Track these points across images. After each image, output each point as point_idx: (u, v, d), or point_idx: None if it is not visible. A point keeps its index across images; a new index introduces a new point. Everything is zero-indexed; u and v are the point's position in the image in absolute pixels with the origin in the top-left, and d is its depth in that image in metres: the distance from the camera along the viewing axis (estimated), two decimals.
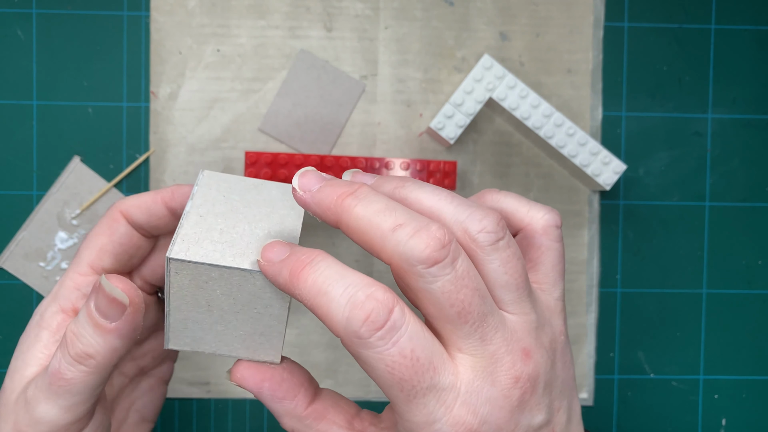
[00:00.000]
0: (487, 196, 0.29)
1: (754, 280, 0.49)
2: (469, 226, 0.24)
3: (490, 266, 0.24)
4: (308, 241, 0.47)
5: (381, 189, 0.26)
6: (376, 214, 0.23)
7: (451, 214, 0.25)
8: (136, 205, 0.31)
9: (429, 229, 0.23)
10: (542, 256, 0.28)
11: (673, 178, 0.48)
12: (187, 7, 0.46)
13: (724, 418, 0.49)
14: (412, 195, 0.25)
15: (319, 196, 0.25)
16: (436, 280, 0.23)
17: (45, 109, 0.46)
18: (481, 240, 0.24)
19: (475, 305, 0.23)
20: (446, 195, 0.25)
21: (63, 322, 0.30)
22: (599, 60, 0.48)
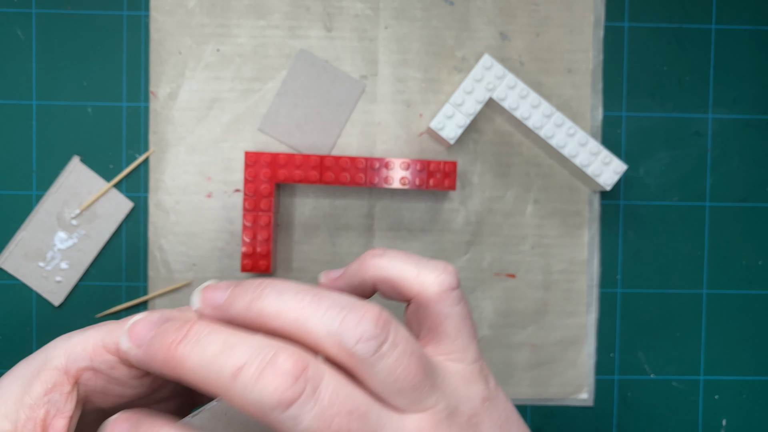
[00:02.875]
0: (368, 263, 0.25)
1: (754, 280, 0.48)
2: (344, 337, 0.20)
3: (377, 377, 0.20)
4: (307, 240, 0.47)
5: (233, 308, 0.21)
6: (214, 358, 0.19)
7: (319, 326, 0.20)
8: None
9: (275, 363, 0.19)
10: (442, 325, 0.24)
11: (673, 178, 0.48)
12: (187, 7, 0.46)
13: (724, 418, 0.49)
14: (269, 308, 0.21)
15: (151, 352, 0.20)
16: (299, 421, 0.19)
17: (45, 109, 0.46)
18: (361, 351, 0.20)
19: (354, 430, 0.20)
20: (311, 299, 0.20)
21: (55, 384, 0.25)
22: (599, 60, 0.47)
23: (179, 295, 0.47)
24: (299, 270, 0.47)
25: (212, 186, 0.47)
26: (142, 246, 0.47)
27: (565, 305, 0.48)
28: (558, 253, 0.48)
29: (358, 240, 0.47)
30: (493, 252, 0.48)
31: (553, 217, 0.48)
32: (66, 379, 0.24)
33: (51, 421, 0.24)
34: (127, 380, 0.25)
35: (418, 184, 0.44)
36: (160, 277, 0.47)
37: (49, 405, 0.24)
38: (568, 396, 0.48)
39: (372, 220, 0.47)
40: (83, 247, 0.46)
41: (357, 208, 0.47)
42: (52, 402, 0.24)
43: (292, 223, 0.47)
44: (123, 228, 0.47)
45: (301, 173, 0.44)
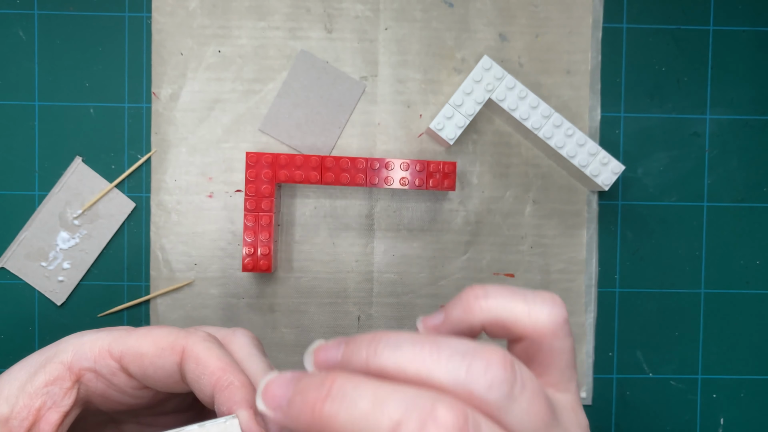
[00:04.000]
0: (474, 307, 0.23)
1: (752, 279, 0.49)
2: (474, 385, 0.19)
3: (512, 420, 0.20)
4: (308, 240, 0.47)
5: (353, 364, 0.20)
6: (367, 414, 0.18)
7: (446, 378, 0.19)
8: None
9: (435, 416, 0.18)
10: (555, 358, 0.23)
11: (671, 178, 0.48)
12: (188, 9, 0.46)
13: (722, 417, 0.49)
14: (389, 363, 0.19)
15: (293, 413, 0.19)
16: None
17: (47, 109, 0.46)
18: (494, 398, 0.19)
19: None
20: (430, 348, 0.19)
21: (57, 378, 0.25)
22: (598, 61, 0.48)
23: (181, 295, 0.47)
24: (300, 270, 0.48)
25: (213, 186, 0.47)
26: (143, 246, 0.47)
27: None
28: (557, 253, 0.48)
29: (359, 240, 0.48)
30: (492, 252, 0.48)
31: (551, 217, 0.48)
32: (68, 375, 0.25)
33: (45, 413, 0.24)
34: (126, 389, 0.25)
35: (417, 184, 0.45)
36: (162, 276, 0.47)
37: (47, 396, 0.24)
38: None
39: (372, 221, 0.48)
40: (85, 247, 0.47)
41: (357, 208, 0.48)
42: (51, 394, 0.24)
43: (293, 223, 0.48)
44: (125, 228, 0.47)
45: (302, 174, 0.44)
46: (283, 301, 0.48)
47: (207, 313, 0.47)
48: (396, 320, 0.48)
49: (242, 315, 0.47)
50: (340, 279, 0.48)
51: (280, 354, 0.48)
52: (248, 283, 0.47)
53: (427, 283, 0.48)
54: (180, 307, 0.47)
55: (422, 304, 0.48)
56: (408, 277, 0.48)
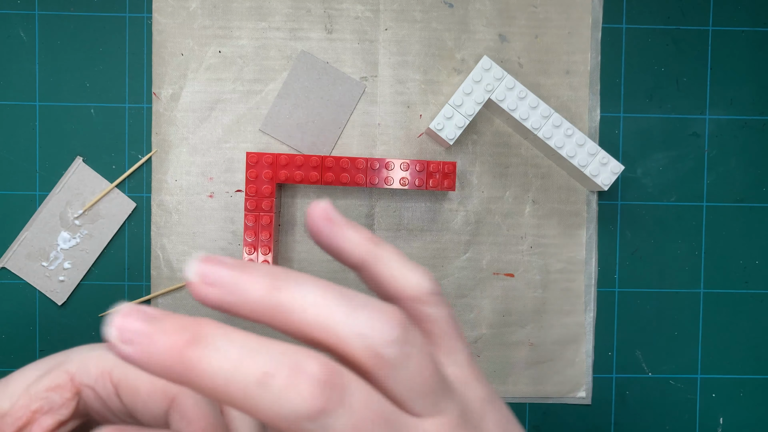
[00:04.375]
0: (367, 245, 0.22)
1: (751, 279, 0.49)
2: (374, 339, 0.18)
3: (401, 381, 0.19)
4: (308, 240, 0.48)
5: (246, 293, 0.18)
6: (233, 366, 0.17)
7: (345, 327, 0.18)
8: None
9: (304, 369, 0.17)
10: (429, 327, 0.23)
11: (670, 178, 0.48)
12: (189, 9, 0.47)
13: (721, 416, 0.49)
14: (290, 301, 0.18)
15: (150, 352, 0.17)
16: (329, 430, 0.18)
17: (47, 110, 0.47)
18: (389, 355, 0.19)
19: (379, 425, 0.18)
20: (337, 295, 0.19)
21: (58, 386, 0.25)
22: (597, 61, 0.48)
23: (181, 295, 0.47)
24: (300, 270, 0.48)
25: (214, 186, 0.47)
26: (144, 246, 0.47)
27: (563, 304, 0.48)
28: (556, 253, 0.48)
29: None
30: (492, 252, 0.48)
31: (551, 217, 0.48)
32: (70, 385, 0.25)
33: (40, 416, 0.24)
34: (119, 414, 0.25)
35: (417, 184, 0.45)
36: (163, 276, 0.47)
37: (45, 401, 0.24)
38: (566, 394, 0.48)
39: (372, 220, 0.48)
40: (86, 247, 0.47)
41: (357, 208, 0.48)
42: (49, 400, 0.24)
43: (293, 223, 0.48)
44: (125, 228, 0.47)
45: (302, 174, 0.44)
46: None
47: (207, 313, 0.47)
48: None
49: None
50: (340, 279, 0.48)
51: None
52: None
53: None
54: (181, 307, 0.47)
55: None
56: None
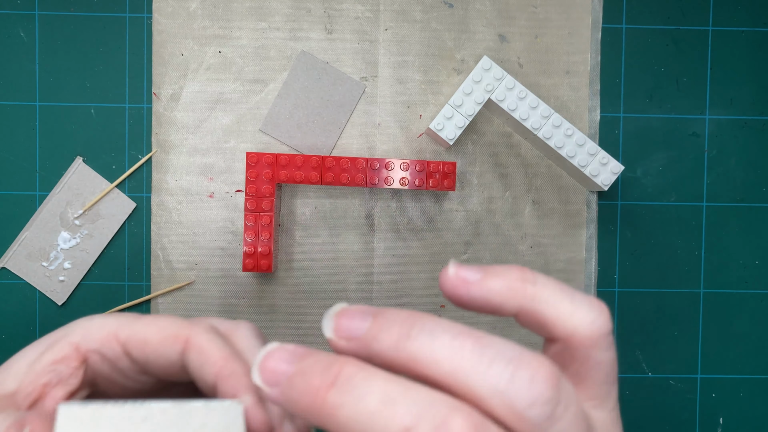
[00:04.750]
0: (517, 287, 0.20)
1: (750, 279, 0.49)
2: (515, 399, 0.17)
3: None
4: (308, 240, 0.48)
5: (378, 345, 0.18)
6: (373, 414, 0.16)
7: (483, 382, 0.17)
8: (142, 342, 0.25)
9: (449, 427, 0.16)
10: (592, 371, 0.21)
11: (670, 178, 0.48)
12: (189, 9, 0.47)
13: (721, 416, 0.49)
14: (423, 352, 0.17)
15: (292, 395, 0.17)
16: None
17: (48, 110, 0.47)
18: (535, 417, 0.17)
19: None
20: (472, 345, 0.17)
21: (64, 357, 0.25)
22: (597, 61, 0.48)
23: (181, 295, 0.47)
24: (300, 270, 0.48)
25: (214, 186, 0.47)
26: (144, 246, 0.47)
27: None
28: (556, 253, 0.48)
29: (359, 240, 0.48)
30: (492, 252, 0.48)
31: (551, 217, 0.48)
32: (76, 354, 0.25)
33: (51, 390, 0.24)
34: (130, 374, 0.26)
35: (417, 184, 0.45)
36: (163, 276, 0.47)
37: (53, 374, 0.24)
38: None
39: (372, 220, 0.48)
40: (86, 247, 0.47)
41: (357, 208, 0.48)
42: (57, 372, 0.24)
43: (293, 223, 0.48)
44: (125, 228, 0.47)
45: (302, 174, 0.44)
46: (283, 301, 0.48)
47: (207, 312, 0.47)
48: None
49: (242, 315, 0.48)
50: (340, 279, 0.48)
51: None
52: (248, 283, 0.47)
53: (427, 283, 0.48)
54: (181, 307, 0.47)
55: (422, 305, 0.48)
56: (408, 277, 0.48)
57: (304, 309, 0.48)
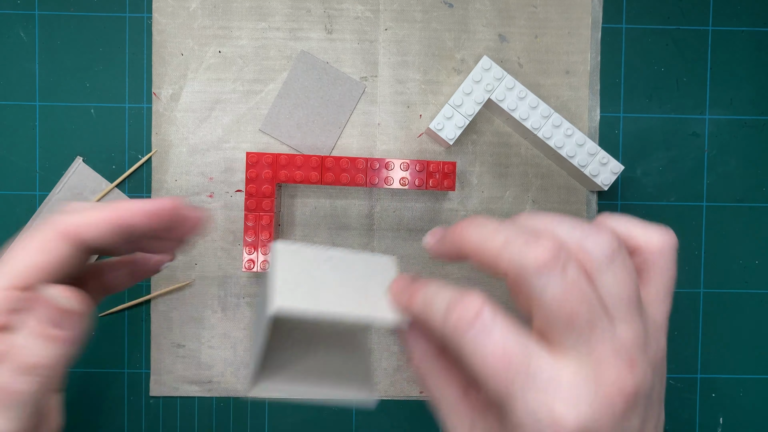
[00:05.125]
0: (601, 219, 0.29)
1: (751, 279, 0.49)
2: (585, 242, 0.25)
3: (603, 279, 0.25)
4: (308, 240, 0.48)
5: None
6: (489, 233, 0.26)
7: (565, 231, 0.25)
8: (86, 225, 0.29)
9: (538, 240, 0.24)
10: (656, 275, 0.29)
11: (670, 178, 0.48)
12: (189, 9, 0.47)
13: (721, 416, 0.49)
14: (524, 220, 0.27)
15: (447, 237, 0.29)
16: (546, 286, 0.24)
17: (47, 110, 0.47)
18: (596, 254, 0.25)
19: (583, 313, 0.24)
20: (560, 217, 0.26)
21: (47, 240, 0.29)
22: (597, 61, 0.48)
23: (182, 294, 0.47)
24: None
25: (214, 186, 0.47)
26: None
27: None
28: None
29: (359, 240, 0.48)
30: None
31: None
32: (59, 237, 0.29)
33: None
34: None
35: (417, 184, 0.45)
36: (162, 276, 0.47)
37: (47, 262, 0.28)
38: None
39: (372, 220, 0.48)
40: None
41: (357, 208, 0.48)
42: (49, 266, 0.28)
43: (293, 223, 0.48)
44: None
45: (302, 174, 0.44)
46: None
47: (207, 312, 0.48)
48: None
49: (242, 315, 0.48)
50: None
51: None
52: (248, 283, 0.47)
53: None
54: (180, 307, 0.47)
55: None
56: None
57: None
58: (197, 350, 0.48)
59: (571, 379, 0.24)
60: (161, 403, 0.48)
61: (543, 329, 0.25)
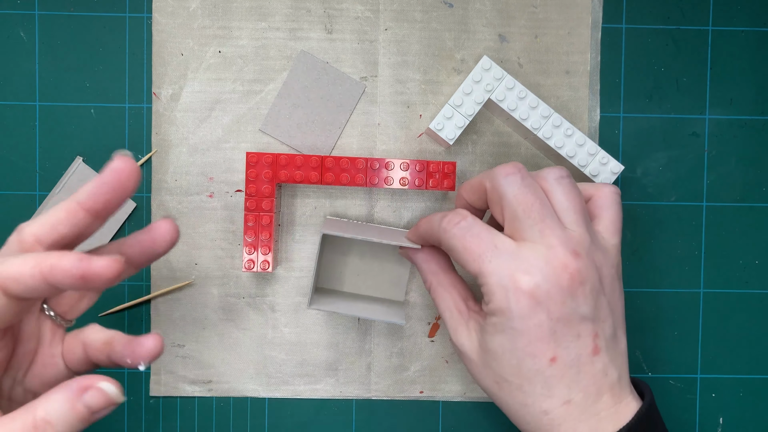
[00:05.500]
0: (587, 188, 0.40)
1: (750, 279, 0.49)
2: (543, 172, 0.37)
3: (554, 194, 0.35)
4: (308, 240, 0.48)
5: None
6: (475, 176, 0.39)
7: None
8: (49, 228, 0.30)
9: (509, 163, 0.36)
10: (604, 211, 0.37)
11: (670, 178, 0.48)
12: (189, 9, 0.47)
13: (721, 416, 0.49)
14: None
15: (424, 227, 0.41)
16: (509, 185, 0.35)
17: (47, 110, 0.47)
18: (549, 176, 0.36)
19: (536, 207, 0.34)
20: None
21: None
22: (597, 61, 0.48)
23: (181, 295, 0.47)
24: (301, 269, 0.48)
25: (214, 186, 0.47)
26: None
27: None
28: None
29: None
30: None
31: None
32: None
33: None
34: None
35: (417, 184, 0.45)
36: (162, 276, 0.47)
37: None
38: None
39: (372, 221, 0.48)
40: (86, 248, 0.47)
41: (357, 208, 0.48)
42: None
43: (293, 223, 0.48)
44: (125, 228, 0.47)
45: (302, 174, 0.44)
46: (283, 300, 0.48)
47: (207, 312, 0.48)
48: None
49: (242, 315, 0.48)
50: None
51: (281, 353, 0.48)
52: (248, 283, 0.48)
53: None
54: (181, 307, 0.47)
55: (422, 304, 0.48)
56: None
57: (304, 309, 0.48)
58: (197, 350, 0.48)
59: (527, 254, 0.33)
60: (161, 403, 0.48)
61: (509, 227, 0.35)
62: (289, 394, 0.48)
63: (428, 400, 0.49)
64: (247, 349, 0.48)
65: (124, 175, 0.30)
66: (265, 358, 0.48)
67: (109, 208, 0.31)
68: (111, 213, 0.31)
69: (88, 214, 0.30)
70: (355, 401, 0.48)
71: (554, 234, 0.33)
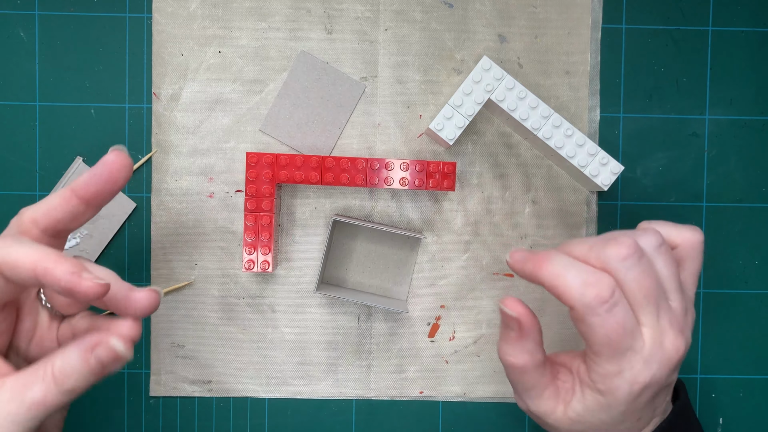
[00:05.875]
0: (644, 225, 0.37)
1: (750, 279, 0.49)
2: (642, 241, 0.34)
3: (658, 267, 0.34)
4: (308, 240, 0.48)
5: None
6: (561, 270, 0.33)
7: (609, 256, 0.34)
8: (44, 212, 0.32)
9: (599, 283, 0.32)
10: (689, 263, 0.36)
11: (670, 178, 0.48)
12: (189, 9, 0.47)
13: (721, 416, 0.49)
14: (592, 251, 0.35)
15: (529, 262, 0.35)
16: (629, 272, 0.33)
17: (47, 110, 0.47)
18: (648, 248, 0.34)
19: (653, 291, 0.33)
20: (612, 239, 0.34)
21: None
22: (597, 61, 0.48)
23: (182, 295, 0.47)
24: (300, 270, 0.48)
25: (214, 186, 0.47)
26: (144, 246, 0.47)
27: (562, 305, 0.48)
28: None
29: None
30: (492, 252, 0.48)
31: (551, 218, 0.48)
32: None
33: None
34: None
35: (417, 184, 0.45)
36: (163, 276, 0.47)
37: None
38: None
39: (372, 221, 0.48)
40: (86, 248, 0.47)
41: (357, 208, 0.48)
42: None
43: (293, 223, 0.48)
44: (126, 228, 0.47)
45: (302, 174, 0.44)
46: (283, 301, 0.48)
47: (207, 313, 0.48)
48: (396, 320, 0.48)
49: (242, 315, 0.48)
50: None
51: (281, 354, 0.48)
52: (248, 283, 0.48)
53: (427, 283, 0.48)
54: (181, 307, 0.47)
55: (422, 304, 0.48)
56: None
57: (304, 309, 0.48)
58: (197, 350, 0.48)
59: (648, 346, 0.33)
60: (161, 403, 0.48)
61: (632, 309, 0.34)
62: (289, 394, 0.48)
63: (428, 400, 0.49)
64: (247, 350, 0.48)
65: (115, 167, 0.32)
66: (265, 358, 0.48)
67: (101, 198, 0.32)
68: (103, 202, 0.33)
69: (81, 202, 0.32)
70: (355, 401, 0.48)
71: (665, 316, 0.34)
